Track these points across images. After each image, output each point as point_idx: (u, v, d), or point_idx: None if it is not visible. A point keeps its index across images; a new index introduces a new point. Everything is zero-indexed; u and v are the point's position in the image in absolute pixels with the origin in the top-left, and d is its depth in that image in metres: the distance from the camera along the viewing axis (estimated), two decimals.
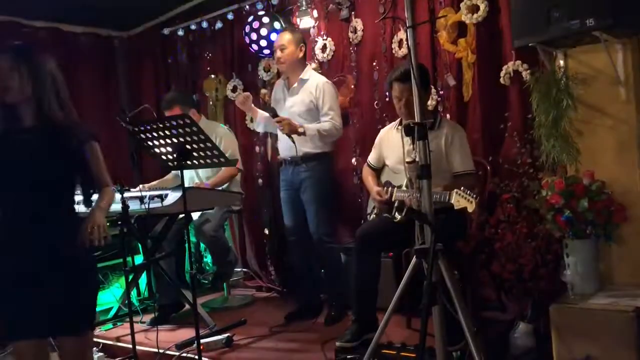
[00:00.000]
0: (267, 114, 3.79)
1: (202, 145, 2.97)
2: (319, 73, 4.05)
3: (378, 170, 3.45)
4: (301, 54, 3.76)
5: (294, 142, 3.50)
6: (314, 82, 3.70)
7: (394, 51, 3.93)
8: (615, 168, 2.83)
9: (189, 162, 3.06)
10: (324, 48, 4.31)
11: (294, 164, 3.71)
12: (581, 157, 2.81)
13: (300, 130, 3.51)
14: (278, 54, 3.73)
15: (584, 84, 2.81)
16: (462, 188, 2.66)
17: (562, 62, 2.96)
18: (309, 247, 3.81)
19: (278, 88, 3.92)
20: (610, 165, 2.83)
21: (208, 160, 3.08)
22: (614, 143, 2.85)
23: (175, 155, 3.00)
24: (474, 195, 2.60)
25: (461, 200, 2.62)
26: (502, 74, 3.45)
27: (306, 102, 3.67)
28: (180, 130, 2.91)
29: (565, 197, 2.67)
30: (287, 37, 3.73)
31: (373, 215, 3.31)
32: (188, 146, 2.96)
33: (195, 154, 3.02)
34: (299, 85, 3.72)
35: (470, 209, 2.59)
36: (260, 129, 4.04)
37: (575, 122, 2.81)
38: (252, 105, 3.83)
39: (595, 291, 2.70)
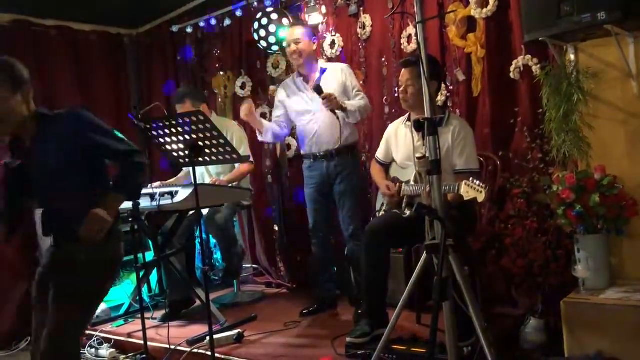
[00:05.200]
0: (269, 123, 3.85)
1: (214, 141, 2.98)
2: None
3: (386, 166, 3.44)
4: (314, 47, 3.80)
5: (338, 117, 3.49)
6: (336, 67, 3.75)
7: (402, 47, 3.92)
8: (627, 162, 2.82)
9: (200, 159, 3.07)
10: (332, 44, 4.31)
11: (327, 159, 3.68)
12: (592, 151, 2.80)
13: (344, 105, 3.49)
14: (293, 47, 3.70)
15: (594, 78, 2.80)
16: (470, 179, 2.65)
17: (572, 56, 2.95)
18: (330, 243, 3.85)
19: (290, 86, 3.85)
20: (621, 159, 2.82)
21: (220, 157, 3.09)
22: (626, 137, 2.84)
23: (187, 152, 3.02)
24: (484, 185, 2.59)
25: (470, 190, 2.61)
26: (512, 68, 3.43)
27: (336, 87, 3.63)
28: (193, 127, 2.92)
29: (577, 192, 2.67)
30: (301, 30, 3.73)
31: (382, 212, 3.31)
32: (200, 143, 2.97)
33: (207, 150, 3.03)
34: (322, 76, 3.70)
35: (480, 199, 2.58)
36: (269, 139, 3.93)
37: (586, 116, 2.80)
38: (256, 115, 3.84)
39: (607, 286, 2.70)
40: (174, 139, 3.02)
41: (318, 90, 3.50)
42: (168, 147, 3.08)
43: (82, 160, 2.36)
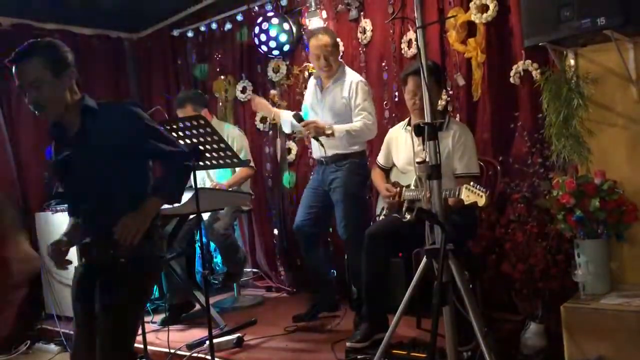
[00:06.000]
0: (288, 113, 3.80)
1: (215, 145, 2.99)
2: None
3: (387, 170, 3.44)
4: (340, 54, 3.72)
5: (322, 144, 3.41)
6: (348, 80, 3.58)
7: (403, 51, 3.93)
8: (627, 167, 2.82)
9: (201, 163, 3.07)
10: None
11: (324, 165, 3.64)
12: (592, 156, 2.80)
13: (328, 131, 3.41)
14: (322, 62, 3.53)
15: (594, 83, 2.80)
16: (471, 183, 2.66)
17: (572, 62, 2.95)
18: (317, 245, 3.80)
19: (310, 89, 3.80)
20: (621, 164, 2.82)
21: (221, 161, 3.10)
22: (626, 142, 2.83)
23: None
24: (484, 190, 2.59)
25: (471, 195, 2.62)
26: (512, 73, 3.44)
27: (338, 102, 3.57)
28: (194, 131, 2.93)
29: (576, 196, 2.67)
30: (329, 40, 3.54)
31: (382, 216, 3.31)
32: (201, 147, 2.98)
33: (208, 154, 3.03)
34: (333, 85, 3.61)
35: (480, 203, 2.58)
36: (287, 130, 3.92)
37: (586, 121, 2.80)
38: (269, 105, 3.81)
39: (607, 291, 2.69)
40: None
41: (298, 118, 3.49)
42: None
43: (126, 159, 2.22)
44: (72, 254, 2.34)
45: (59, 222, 4.20)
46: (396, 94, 3.98)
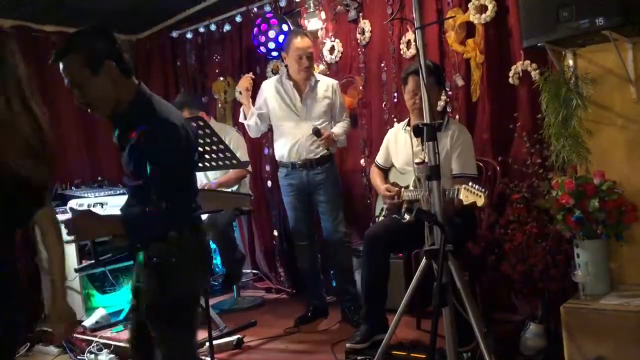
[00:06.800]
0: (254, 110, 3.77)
1: (214, 147, 2.99)
2: (327, 75, 4.09)
3: (386, 171, 3.45)
4: None
5: (331, 153, 3.66)
6: (325, 83, 3.74)
7: (402, 52, 3.93)
8: (626, 167, 2.82)
9: (200, 165, 3.07)
10: (332, 49, 4.32)
11: (307, 168, 3.66)
12: (591, 156, 2.80)
13: (336, 139, 3.60)
14: (305, 62, 3.60)
15: (593, 83, 2.80)
16: (470, 183, 2.66)
17: (571, 62, 2.95)
18: (316, 250, 3.85)
19: (277, 87, 3.74)
20: (620, 164, 2.82)
21: (220, 163, 3.09)
22: (625, 142, 2.84)
23: None
24: (483, 190, 2.59)
25: (470, 195, 2.61)
26: (510, 74, 3.44)
27: (321, 104, 3.68)
28: None
29: (576, 197, 2.67)
30: (310, 43, 3.67)
31: (382, 217, 3.31)
32: (200, 148, 2.97)
33: (207, 156, 3.03)
34: (312, 88, 3.68)
35: (479, 204, 2.58)
36: (251, 123, 3.81)
37: (585, 121, 2.80)
38: (250, 99, 3.79)
39: (607, 291, 2.70)
40: None
41: (317, 133, 3.52)
42: None
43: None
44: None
45: None
46: (395, 94, 3.98)
